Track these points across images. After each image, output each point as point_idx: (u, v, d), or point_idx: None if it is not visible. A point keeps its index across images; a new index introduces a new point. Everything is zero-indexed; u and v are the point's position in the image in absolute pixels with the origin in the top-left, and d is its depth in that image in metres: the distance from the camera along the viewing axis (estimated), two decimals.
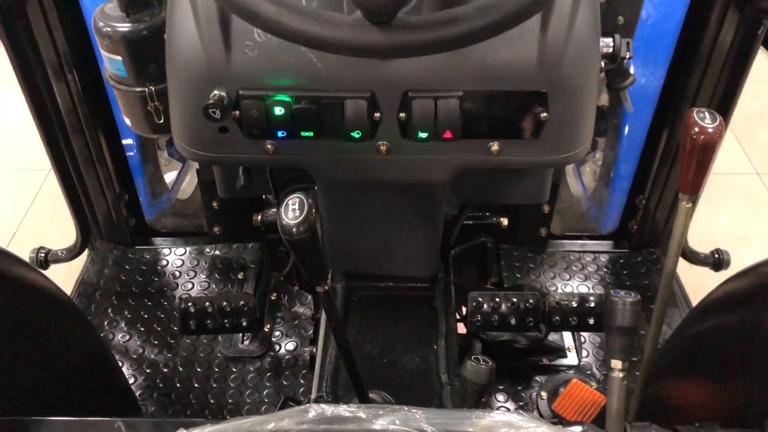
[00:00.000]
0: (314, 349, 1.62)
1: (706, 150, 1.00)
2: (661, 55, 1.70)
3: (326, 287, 1.03)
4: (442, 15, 0.77)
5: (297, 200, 0.91)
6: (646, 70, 1.85)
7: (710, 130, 0.99)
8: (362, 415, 0.87)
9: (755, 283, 1.06)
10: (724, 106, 1.53)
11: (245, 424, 0.84)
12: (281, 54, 0.96)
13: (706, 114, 1.01)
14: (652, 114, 1.74)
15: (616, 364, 0.92)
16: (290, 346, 1.69)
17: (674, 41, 1.63)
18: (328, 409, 0.87)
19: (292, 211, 0.90)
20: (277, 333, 1.71)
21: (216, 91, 0.97)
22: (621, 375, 0.92)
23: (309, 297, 1.76)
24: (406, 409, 0.87)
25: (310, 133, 1.01)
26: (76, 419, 0.96)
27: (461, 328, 1.58)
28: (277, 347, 1.69)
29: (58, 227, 2.52)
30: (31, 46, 1.48)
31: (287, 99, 0.98)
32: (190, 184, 2.34)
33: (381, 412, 0.87)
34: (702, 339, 1.19)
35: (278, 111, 0.98)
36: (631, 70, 1.86)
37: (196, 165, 2.26)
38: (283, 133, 1.01)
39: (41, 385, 1.14)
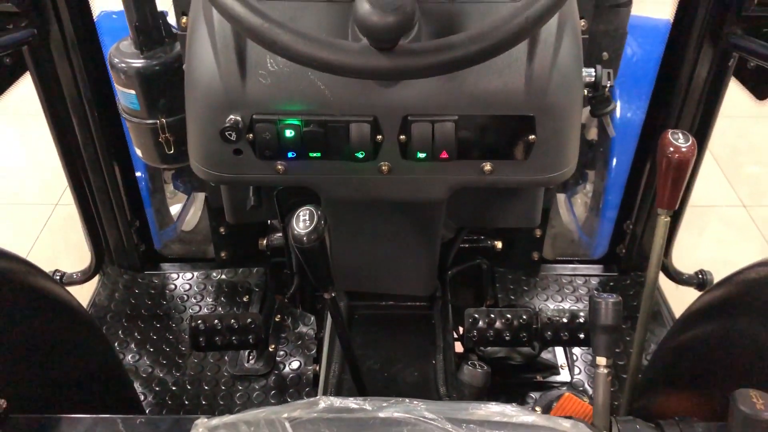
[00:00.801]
0: (317, 368, 1.69)
1: (681, 167, 1.09)
2: (644, 89, 1.81)
3: (333, 294, 1.12)
4: (439, 42, 0.86)
5: (307, 212, 1.01)
6: (632, 104, 1.96)
7: (684, 149, 1.09)
8: (368, 406, 0.94)
9: (731, 292, 1.14)
10: (702, 131, 1.63)
11: (261, 413, 0.91)
12: (292, 82, 1.04)
13: (680, 135, 1.10)
14: (636, 143, 1.84)
15: (601, 360, 0.99)
16: (294, 365, 1.75)
17: (655, 75, 1.73)
18: (337, 401, 0.94)
19: (303, 221, 1.00)
20: (282, 353, 1.78)
21: (232, 116, 1.05)
22: (606, 371, 0.99)
23: (312, 318, 1.83)
24: (407, 401, 0.95)
25: (318, 154, 1.09)
26: (100, 416, 1.02)
27: (458, 347, 1.65)
28: (282, 366, 1.75)
29: (68, 256, 2.59)
30: (55, 82, 1.57)
31: (297, 123, 1.05)
32: (194, 216, 2.43)
33: (385, 404, 0.94)
34: (684, 350, 1.26)
35: (289, 133, 1.06)
36: (618, 105, 1.99)
37: (202, 196, 2.36)
38: (292, 154, 1.09)
39: (58, 391, 1.20)
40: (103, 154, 1.74)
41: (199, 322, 1.59)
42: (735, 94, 1.57)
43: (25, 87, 1.56)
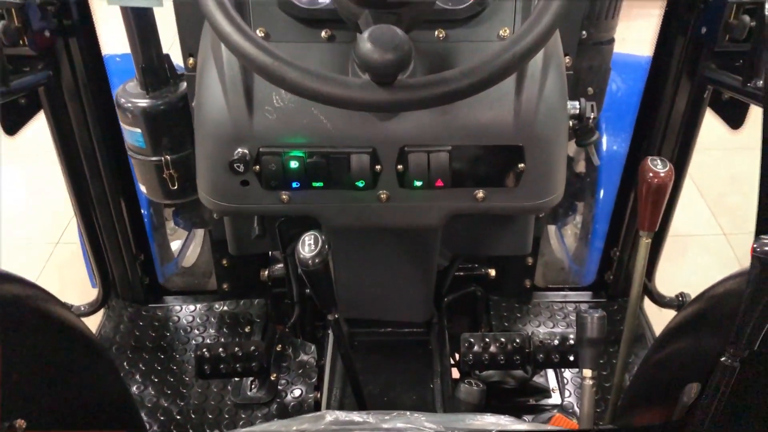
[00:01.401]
0: (319, 395, 1.74)
1: (660, 191, 1.17)
2: (628, 122, 1.89)
3: (336, 315, 1.18)
4: (434, 77, 0.93)
5: (312, 236, 1.08)
6: (617, 137, 2.05)
7: (662, 174, 1.17)
8: (371, 419, 1.01)
9: (700, 308, 1.21)
10: (681, 159, 1.71)
11: (272, 426, 0.98)
12: (296, 116, 1.11)
13: (659, 161, 1.19)
14: (621, 174, 1.92)
15: (587, 372, 1.06)
16: (296, 392, 1.80)
17: (637, 109, 1.82)
18: (342, 415, 1.01)
19: (308, 245, 1.07)
20: (283, 381, 1.82)
21: (240, 149, 1.13)
22: (591, 383, 1.06)
23: (312, 347, 1.88)
24: (409, 413, 1.01)
25: (320, 184, 1.16)
26: None
27: (455, 374, 1.71)
28: (284, 394, 1.79)
29: (71, 292, 2.64)
30: (66, 121, 1.64)
31: (301, 154, 1.13)
32: (193, 251, 2.49)
33: (387, 417, 1.01)
34: (661, 366, 1.32)
35: (293, 165, 1.13)
36: (605, 138, 2.07)
37: (201, 233, 2.42)
38: (297, 184, 1.16)
39: (70, 414, 1.25)
40: (110, 191, 1.80)
41: (204, 350, 1.64)
42: (716, 127, 1.65)
43: (28, 131, 1.62)
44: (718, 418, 1.01)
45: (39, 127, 1.62)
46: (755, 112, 1.44)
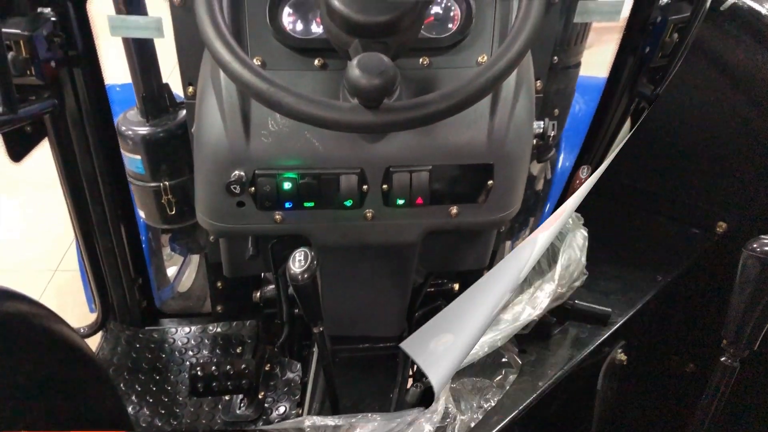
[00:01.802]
0: (301, 411, 1.80)
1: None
2: (581, 139, 1.97)
3: (321, 329, 1.25)
4: (417, 100, 1.01)
5: (302, 253, 1.15)
6: (572, 154, 2.12)
7: (582, 180, 1.27)
8: (341, 423, 1.14)
9: None
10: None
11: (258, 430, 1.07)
12: (290, 140, 1.18)
13: (586, 170, 1.28)
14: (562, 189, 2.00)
15: None
16: (281, 409, 1.86)
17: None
18: (318, 420, 1.12)
19: (298, 261, 1.14)
20: (270, 399, 1.89)
21: (236, 171, 1.19)
22: None
23: (298, 365, 1.95)
24: (370, 415, 1.17)
25: (311, 204, 1.23)
26: None
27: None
28: (270, 411, 1.86)
29: (70, 316, 2.68)
30: (69, 149, 1.71)
31: (294, 176, 1.20)
32: (188, 277, 2.55)
33: (353, 420, 1.15)
34: None
35: (286, 186, 1.20)
36: (562, 156, 2.14)
37: (196, 259, 2.48)
38: (289, 204, 1.23)
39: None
40: (111, 216, 1.85)
41: (198, 369, 1.70)
42: None
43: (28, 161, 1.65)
44: (718, 418, 1.06)
45: (38, 156, 1.67)
46: None
